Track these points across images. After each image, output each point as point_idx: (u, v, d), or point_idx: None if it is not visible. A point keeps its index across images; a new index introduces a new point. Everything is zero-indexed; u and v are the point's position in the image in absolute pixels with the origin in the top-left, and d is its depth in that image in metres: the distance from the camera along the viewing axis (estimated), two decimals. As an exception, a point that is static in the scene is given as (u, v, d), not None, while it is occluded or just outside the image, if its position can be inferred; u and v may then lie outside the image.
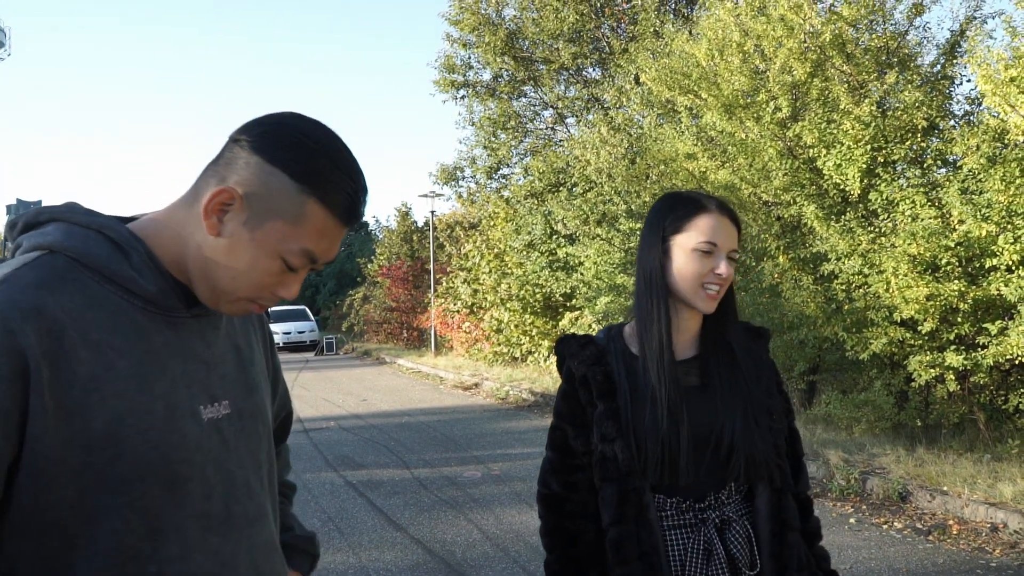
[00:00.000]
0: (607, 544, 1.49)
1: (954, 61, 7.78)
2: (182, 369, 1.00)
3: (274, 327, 27.91)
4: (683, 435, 1.48)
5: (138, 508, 0.93)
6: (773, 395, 1.59)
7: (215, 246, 0.99)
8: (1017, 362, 6.49)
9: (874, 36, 7.98)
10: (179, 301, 1.02)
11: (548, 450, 1.62)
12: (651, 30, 14.42)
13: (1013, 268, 6.35)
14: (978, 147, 6.51)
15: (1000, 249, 6.27)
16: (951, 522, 5.23)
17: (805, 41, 7.91)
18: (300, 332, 28.47)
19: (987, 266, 6.49)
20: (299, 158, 0.98)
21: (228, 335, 1.12)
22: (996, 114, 6.52)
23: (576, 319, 14.01)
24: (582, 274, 12.52)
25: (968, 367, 6.63)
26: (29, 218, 1.01)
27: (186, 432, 0.98)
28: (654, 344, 1.52)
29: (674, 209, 1.54)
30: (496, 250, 17.79)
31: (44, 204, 1.18)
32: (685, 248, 1.51)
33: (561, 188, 15.25)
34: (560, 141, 18.59)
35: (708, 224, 1.50)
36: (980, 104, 7.43)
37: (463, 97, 19.45)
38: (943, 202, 6.78)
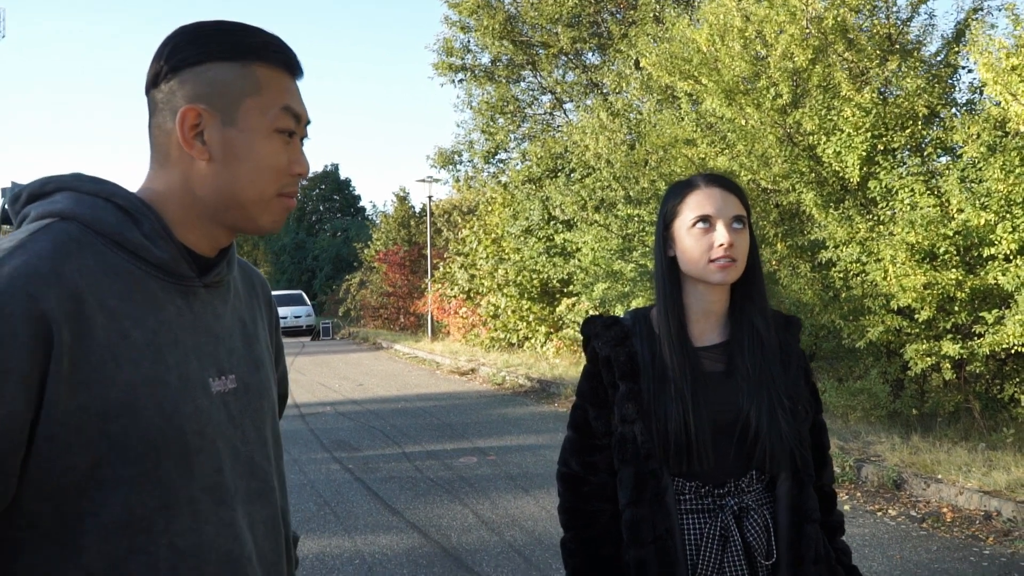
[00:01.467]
0: (623, 525, 1.50)
1: (957, 50, 7.73)
2: (193, 340, 0.99)
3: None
4: (701, 421, 1.47)
5: (152, 479, 0.91)
6: (800, 384, 1.57)
7: (217, 167, 1.00)
8: (1013, 351, 6.50)
9: (877, 23, 7.93)
10: (191, 269, 1.01)
11: (569, 429, 1.63)
12: (651, 15, 14.32)
13: (1011, 257, 6.35)
14: (978, 135, 6.49)
15: (998, 238, 6.26)
16: (945, 510, 5.25)
17: (807, 27, 7.85)
18: (296, 317, 28.45)
19: (985, 255, 6.48)
20: (216, 43, 1.00)
21: (235, 308, 1.10)
22: (997, 103, 6.49)
23: (573, 305, 14.00)
24: (579, 260, 12.50)
25: (964, 356, 6.64)
26: (34, 188, 0.99)
27: (198, 404, 0.97)
28: (669, 331, 1.53)
29: (670, 195, 1.58)
30: (493, 235, 17.75)
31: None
32: (683, 230, 1.53)
33: (559, 173, 15.17)
34: (559, 126, 18.50)
35: (697, 200, 1.52)
36: (982, 93, 7.39)
37: (461, 81, 19.33)
38: (942, 191, 6.76)
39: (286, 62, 1.04)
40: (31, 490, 0.88)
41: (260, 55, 1.01)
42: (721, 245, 1.48)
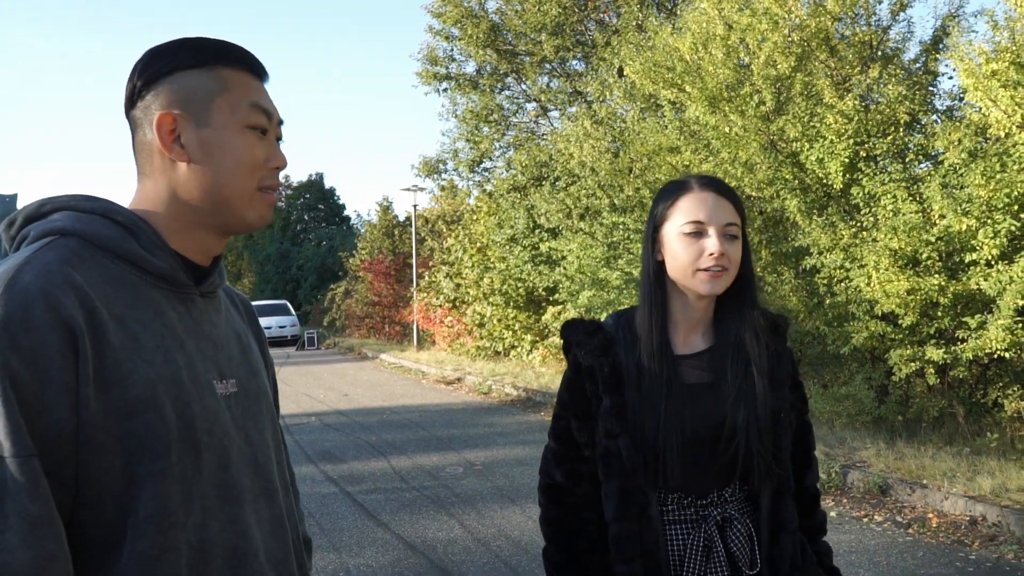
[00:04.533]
0: (609, 539, 1.46)
1: (936, 57, 7.81)
2: (196, 344, 1.04)
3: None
4: (670, 433, 1.43)
5: (175, 474, 0.95)
6: (785, 392, 1.53)
7: (197, 167, 1.04)
8: (996, 356, 6.53)
9: (858, 30, 8.00)
10: (188, 277, 1.06)
11: (551, 440, 1.58)
12: (634, 24, 14.38)
13: (993, 262, 6.39)
14: (960, 141, 6.54)
15: (980, 243, 6.30)
16: (931, 515, 5.25)
17: (789, 35, 7.90)
18: (281, 327, 28.25)
19: (967, 260, 6.52)
20: (182, 54, 1.06)
21: (228, 319, 1.15)
22: (977, 108, 6.54)
23: (559, 313, 13.98)
24: (565, 268, 12.49)
25: (948, 361, 6.67)
26: (31, 211, 1.04)
27: (206, 403, 1.01)
28: (650, 340, 1.48)
29: (662, 197, 1.51)
30: (478, 244, 17.72)
31: (20, 199, 1.18)
32: (673, 234, 1.47)
33: (544, 182, 15.18)
34: (543, 135, 18.54)
35: (689, 204, 1.46)
36: (962, 99, 7.46)
37: (446, 90, 19.33)
38: (924, 196, 6.80)
39: (249, 64, 1.10)
40: (77, 500, 0.91)
41: (223, 59, 1.07)
42: (711, 254, 1.42)
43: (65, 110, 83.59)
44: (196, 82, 1.05)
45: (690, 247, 1.44)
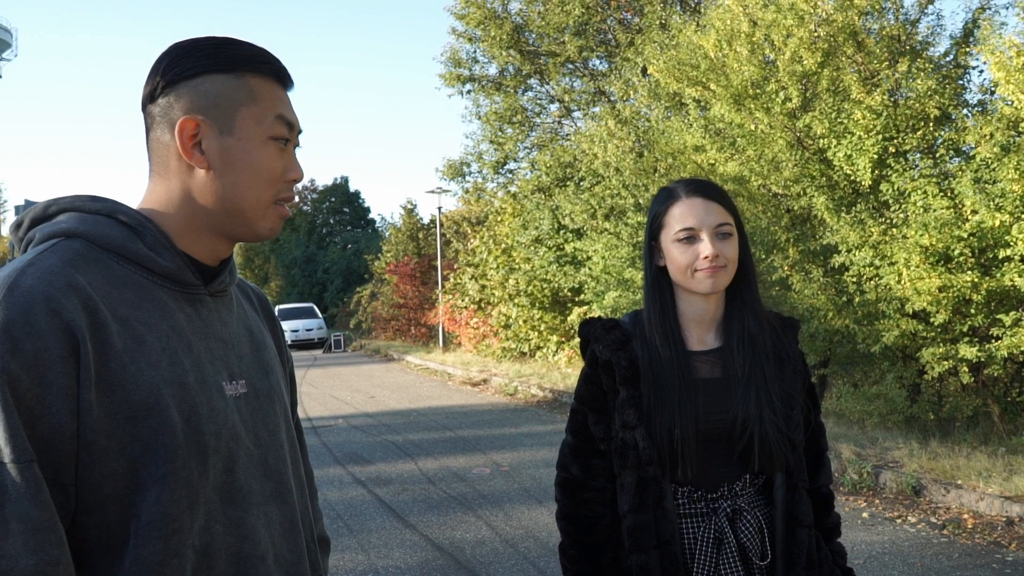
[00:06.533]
0: (624, 531, 1.50)
1: (966, 51, 7.67)
2: (204, 345, 1.02)
3: (282, 324, 27.93)
4: (686, 430, 1.47)
5: (180, 479, 0.94)
6: (796, 387, 1.56)
7: (216, 175, 1.03)
8: (1032, 354, 6.41)
9: (885, 24, 7.89)
10: (196, 278, 1.05)
11: (568, 434, 1.63)
12: (657, 22, 14.31)
13: (1027, 258, 6.27)
14: (992, 136, 6.42)
15: (1014, 239, 6.18)
16: (966, 516, 5.16)
17: (815, 30, 7.81)
18: (308, 330, 28.50)
19: (1001, 256, 6.40)
20: (210, 56, 1.03)
21: (240, 317, 1.13)
22: (1010, 102, 6.42)
23: (585, 314, 13.95)
24: (590, 269, 12.46)
25: (982, 359, 6.55)
26: (36, 212, 1.02)
27: (214, 405, 1.00)
28: (660, 339, 1.54)
29: (655, 206, 1.59)
30: (503, 245, 17.73)
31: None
32: (669, 242, 1.54)
33: (568, 182, 15.16)
34: (567, 135, 18.51)
35: (679, 212, 1.53)
36: (994, 93, 7.32)
37: (469, 91, 19.37)
38: (955, 192, 6.69)
39: (277, 73, 1.08)
40: (79, 505, 0.90)
41: (252, 66, 1.05)
42: (706, 257, 1.48)
43: (64, 106, 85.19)
44: (222, 88, 1.02)
45: (685, 252, 1.51)
